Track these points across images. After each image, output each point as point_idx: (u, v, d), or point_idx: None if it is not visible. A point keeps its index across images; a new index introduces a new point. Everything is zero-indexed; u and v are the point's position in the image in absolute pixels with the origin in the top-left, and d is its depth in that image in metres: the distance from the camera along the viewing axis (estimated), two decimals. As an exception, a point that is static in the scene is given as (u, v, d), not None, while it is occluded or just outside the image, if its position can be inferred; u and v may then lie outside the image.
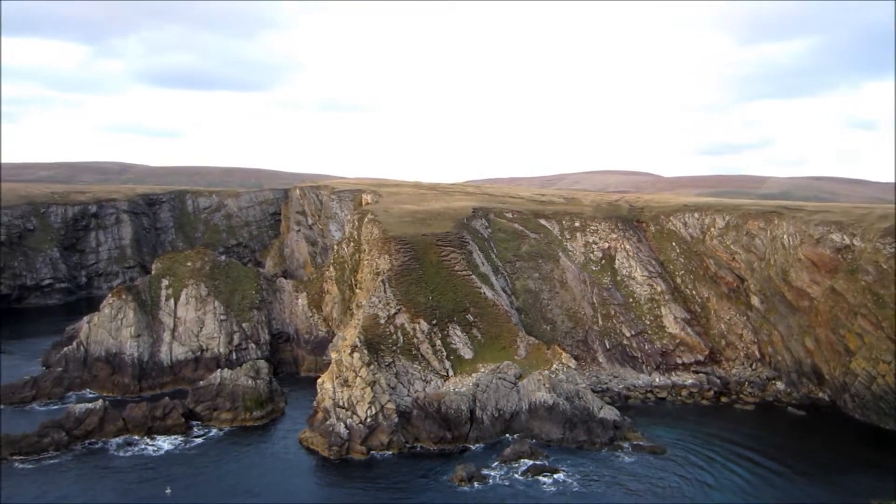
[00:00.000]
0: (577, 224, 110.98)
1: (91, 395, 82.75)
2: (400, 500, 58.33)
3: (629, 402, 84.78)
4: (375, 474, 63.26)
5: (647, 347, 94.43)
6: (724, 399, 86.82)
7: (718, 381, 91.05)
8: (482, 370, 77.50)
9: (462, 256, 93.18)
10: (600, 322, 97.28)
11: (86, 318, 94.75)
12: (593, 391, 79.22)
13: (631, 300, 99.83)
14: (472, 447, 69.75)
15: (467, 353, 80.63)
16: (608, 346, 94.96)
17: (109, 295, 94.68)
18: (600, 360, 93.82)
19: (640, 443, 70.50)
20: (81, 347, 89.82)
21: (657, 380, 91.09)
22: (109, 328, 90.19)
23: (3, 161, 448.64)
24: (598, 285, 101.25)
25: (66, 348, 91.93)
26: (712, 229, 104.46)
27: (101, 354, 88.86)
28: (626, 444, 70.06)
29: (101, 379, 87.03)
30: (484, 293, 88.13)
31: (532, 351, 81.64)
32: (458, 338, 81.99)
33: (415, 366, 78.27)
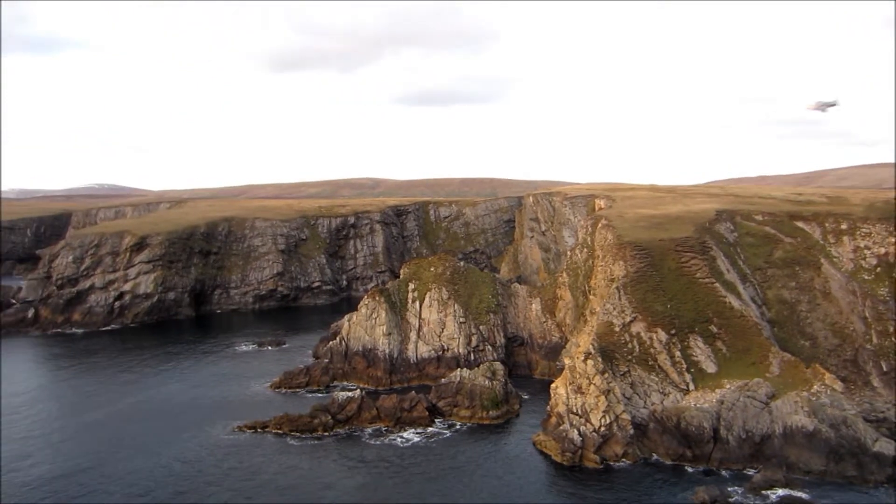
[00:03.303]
0: (843, 226, 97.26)
1: (351, 387, 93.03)
2: (636, 514, 56.35)
3: (915, 436, 71.81)
4: (610, 485, 61.91)
5: (939, 372, 79.14)
6: None
7: None
8: (728, 386, 71.63)
9: (704, 262, 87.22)
10: (875, 340, 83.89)
11: (346, 317, 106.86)
12: (865, 420, 68.58)
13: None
14: (716, 469, 64.79)
15: (710, 367, 75.14)
16: (885, 369, 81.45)
17: (365, 297, 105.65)
18: (875, 384, 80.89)
19: (931, 485, 59.38)
20: (343, 342, 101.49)
21: (955, 412, 75.82)
22: (365, 326, 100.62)
23: (279, 181, 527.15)
24: (873, 297, 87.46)
25: (330, 343, 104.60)
26: None
27: (359, 349, 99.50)
28: (910, 485, 59.54)
29: (358, 371, 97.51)
30: (730, 303, 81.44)
31: (787, 369, 73.36)
32: (699, 350, 76.84)
33: (651, 377, 75.06)
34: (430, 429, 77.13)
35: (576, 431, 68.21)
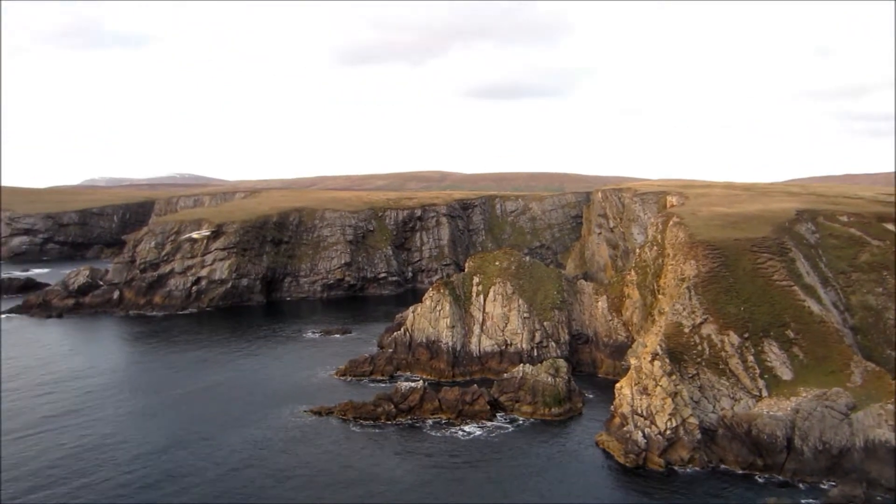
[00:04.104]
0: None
1: (414, 377, 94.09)
2: (701, 522, 54.79)
3: None
4: (675, 490, 60.34)
5: None
6: None
7: None
8: (804, 395, 68.46)
9: (782, 264, 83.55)
10: (971, 352, 78.31)
11: (411, 308, 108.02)
12: (958, 436, 64.16)
13: None
14: (790, 480, 62.11)
15: (786, 374, 72.02)
16: (983, 383, 75.93)
17: (430, 289, 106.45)
18: (970, 398, 75.51)
19: None
20: (407, 333, 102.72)
21: None
22: (430, 318, 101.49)
23: (349, 173, 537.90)
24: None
25: (395, 333, 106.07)
26: None
27: (423, 341, 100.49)
28: None
29: (421, 362, 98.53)
30: (809, 307, 77.77)
31: (870, 379, 69.45)
32: (774, 355, 73.74)
33: (722, 381, 72.58)
34: (491, 423, 77.15)
35: (640, 433, 66.80)
